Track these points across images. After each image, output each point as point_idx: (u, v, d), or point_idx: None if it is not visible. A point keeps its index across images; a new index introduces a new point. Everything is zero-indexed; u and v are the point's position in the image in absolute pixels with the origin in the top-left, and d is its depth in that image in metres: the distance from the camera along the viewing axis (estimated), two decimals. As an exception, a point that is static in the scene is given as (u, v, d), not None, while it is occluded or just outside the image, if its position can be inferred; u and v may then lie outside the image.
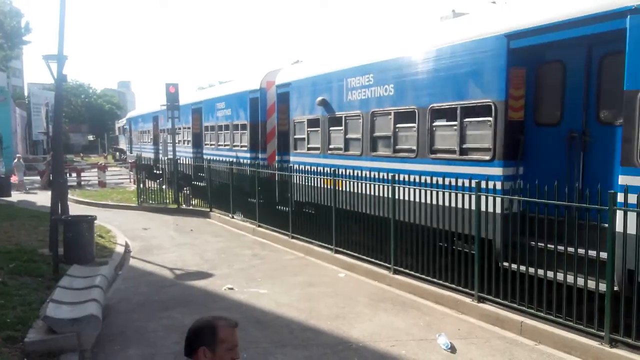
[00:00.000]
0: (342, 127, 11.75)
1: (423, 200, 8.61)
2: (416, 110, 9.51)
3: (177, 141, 23.00)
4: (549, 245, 6.75)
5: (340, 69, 12.01)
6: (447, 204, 8.16)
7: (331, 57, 13.25)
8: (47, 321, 6.39)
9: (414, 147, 9.57)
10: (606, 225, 6.06)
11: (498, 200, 7.43)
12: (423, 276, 8.71)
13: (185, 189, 19.43)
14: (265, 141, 16.02)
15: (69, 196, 16.10)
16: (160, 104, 22.39)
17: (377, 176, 9.84)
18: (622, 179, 6.27)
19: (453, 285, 8.12)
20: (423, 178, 8.65)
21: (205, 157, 19.75)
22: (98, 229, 12.67)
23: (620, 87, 6.41)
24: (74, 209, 14.86)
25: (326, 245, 11.28)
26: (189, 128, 23.44)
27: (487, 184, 7.56)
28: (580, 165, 7.37)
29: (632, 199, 5.85)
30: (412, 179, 8.98)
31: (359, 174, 10.30)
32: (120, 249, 12.20)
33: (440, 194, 8.30)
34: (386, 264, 9.52)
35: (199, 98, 21.85)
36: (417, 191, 8.74)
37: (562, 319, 6.55)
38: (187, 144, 23.68)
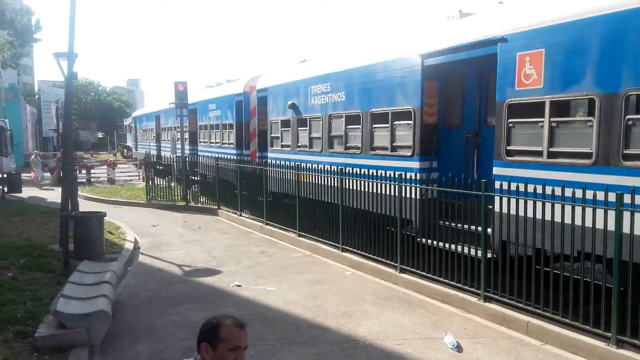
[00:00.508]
0: (307, 128, 13.69)
1: (365, 189, 10.42)
2: (361, 114, 11.38)
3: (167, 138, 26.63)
4: (452, 224, 8.36)
5: (306, 77, 13.98)
6: (379, 191, 9.93)
7: (300, 67, 15.99)
8: (57, 316, 6.47)
9: (359, 145, 11.44)
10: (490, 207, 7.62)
11: (415, 188, 9.15)
12: (429, 275, 8.73)
13: (193, 186, 19.53)
14: (249, 139, 18.00)
15: (79, 193, 16.21)
16: (163, 103, 23.90)
17: (331, 169, 11.52)
18: (495, 170, 8.17)
19: (459, 285, 8.13)
20: (366, 171, 10.47)
21: (199, 153, 21.73)
22: (108, 225, 12.77)
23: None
24: (84, 206, 15.00)
25: (333, 243, 11.32)
26: (185, 127, 24.53)
27: (406, 175, 9.31)
28: (474, 159, 9.48)
29: (505, 185, 7.37)
30: (359, 172, 10.67)
31: (319, 168, 12.00)
32: (129, 246, 12.29)
33: (372, 184, 10.14)
34: (393, 263, 9.55)
35: (194, 99, 23.25)
36: (357, 182, 10.60)
37: (568, 319, 6.55)
38: (185, 141, 24.35)
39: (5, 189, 21.37)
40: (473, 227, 7.93)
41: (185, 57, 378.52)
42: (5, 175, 22.45)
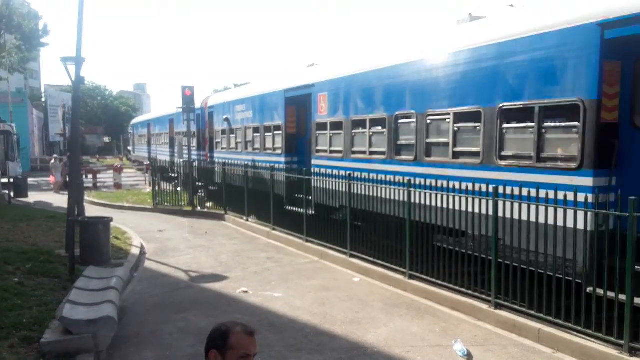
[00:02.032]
0: (235, 135, 19.43)
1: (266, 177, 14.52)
2: (260, 126, 16.99)
3: (160, 143, 33.36)
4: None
5: (232, 99, 19.90)
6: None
7: (232, 91, 22.23)
8: (63, 322, 6.43)
9: (259, 146, 17.17)
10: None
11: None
12: (439, 281, 8.64)
13: (200, 191, 19.52)
14: (204, 144, 23.88)
15: (85, 198, 16.22)
16: (154, 113, 31.70)
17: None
18: None
19: (469, 291, 8.04)
20: (264, 165, 15.26)
21: (177, 156, 27.34)
22: (114, 230, 12.74)
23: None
24: (90, 211, 14.99)
25: (341, 249, 11.25)
26: (167, 133, 31.84)
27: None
28: None
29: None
30: (261, 166, 15.31)
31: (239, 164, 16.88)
32: (135, 251, 12.26)
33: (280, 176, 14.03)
34: (401, 269, 9.46)
35: (172, 111, 28.51)
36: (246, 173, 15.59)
37: (580, 327, 6.45)
38: (166, 146, 31.95)
39: (12, 194, 21.41)
40: None
41: (192, 62, 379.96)
42: (12, 180, 22.51)
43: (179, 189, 20.57)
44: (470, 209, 7.92)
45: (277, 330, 7.34)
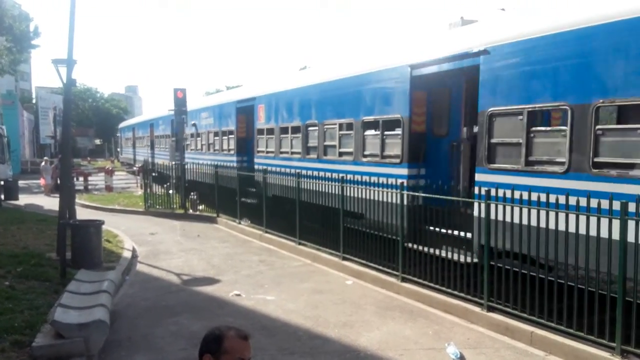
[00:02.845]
0: (200, 138, 23.31)
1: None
2: (219, 130, 20.51)
3: (143, 145, 38.19)
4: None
5: (199, 107, 23.52)
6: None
7: (200, 99, 26.14)
8: (55, 326, 6.38)
9: (218, 148, 20.53)
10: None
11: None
12: (431, 284, 8.66)
13: (192, 194, 19.46)
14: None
15: (76, 200, 16.13)
16: (138, 118, 40.36)
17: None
18: (477, 176, 8.70)
19: (462, 294, 8.06)
20: (230, 164, 18.00)
21: (156, 157, 30.86)
22: (105, 233, 12.67)
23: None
24: (81, 213, 14.88)
25: (333, 252, 11.24)
26: (148, 137, 36.25)
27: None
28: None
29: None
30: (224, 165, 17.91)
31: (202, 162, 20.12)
32: (127, 254, 12.19)
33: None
34: (394, 272, 9.47)
35: (151, 117, 35.46)
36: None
37: (572, 330, 6.48)
38: (147, 148, 36.22)
39: (2, 197, 21.26)
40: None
41: (184, 64, 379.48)
42: (2, 183, 22.34)
43: (170, 191, 20.50)
44: (343, 193, 10.86)
45: (270, 334, 7.32)
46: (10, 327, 6.69)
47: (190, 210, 18.94)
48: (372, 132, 11.23)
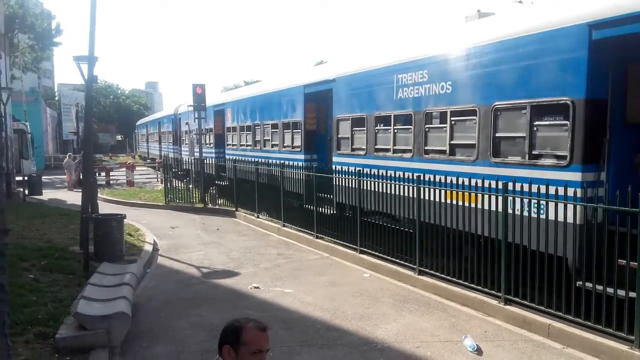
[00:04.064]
0: (190, 134, 26.79)
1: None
2: (203, 128, 22.31)
3: (154, 140, 44.17)
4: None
5: (189, 110, 24.10)
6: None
7: (189, 104, 25.67)
8: (77, 318, 6.53)
9: (204, 142, 22.82)
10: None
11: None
12: (448, 277, 8.66)
13: (211, 188, 19.65)
14: (177, 141, 32.53)
15: (98, 195, 16.38)
16: (152, 116, 48.58)
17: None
18: (333, 159, 13.29)
19: (479, 287, 8.06)
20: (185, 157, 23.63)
21: (162, 151, 37.54)
22: (127, 227, 12.86)
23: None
24: (103, 208, 15.14)
25: (351, 245, 11.29)
26: (157, 133, 41.48)
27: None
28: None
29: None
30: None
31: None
32: (148, 247, 12.38)
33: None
34: (411, 265, 9.49)
35: (160, 115, 42.31)
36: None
37: (590, 323, 6.45)
38: (157, 143, 41.73)
39: (26, 192, 21.67)
40: None
41: (204, 59, 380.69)
42: (26, 178, 22.76)
43: (190, 186, 20.71)
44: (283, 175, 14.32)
45: (288, 326, 7.40)
46: (35, 319, 6.86)
47: (210, 205, 19.13)
48: (287, 130, 15.93)
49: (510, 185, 7.43)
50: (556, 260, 6.87)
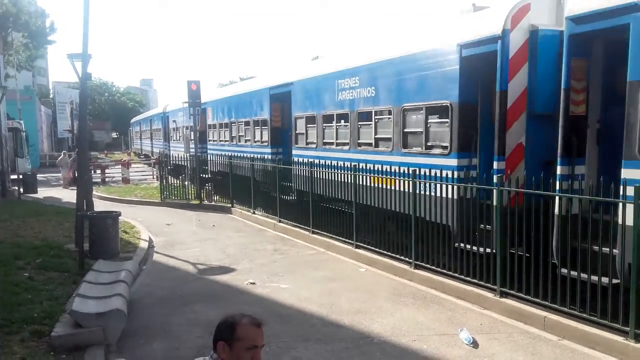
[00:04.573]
0: (176, 132, 30.01)
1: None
2: (188, 126, 23.60)
3: (146, 137, 46.81)
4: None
5: (175, 109, 29.91)
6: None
7: (176, 103, 30.71)
8: (73, 315, 6.52)
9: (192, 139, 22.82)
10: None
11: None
12: (444, 271, 8.68)
13: (207, 185, 19.63)
14: (166, 137, 34.34)
15: (94, 192, 16.35)
16: (143, 115, 53.37)
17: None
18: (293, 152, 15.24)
19: (475, 280, 8.07)
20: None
21: (153, 147, 41.00)
22: (122, 224, 12.85)
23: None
24: (99, 205, 15.11)
25: (347, 240, 11.30)
26: (149, 130, 43.94)
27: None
28: None
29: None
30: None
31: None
32: (144, 244, 12.36)
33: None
34: (407, 259, 9.50)
35: (152, 113, 45.49)
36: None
37: (586, 314, 6.48)
38: (149, 139, 44.05)
39: (21, 190, 21.61)
40: None
41: (199, 56, 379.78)
42: (21, 176, 22.69)
43: (186, 182, 20.68)
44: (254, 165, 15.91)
45: (285, 321, 7.41)
46: (30, 318, 6.84)
47: (205, 201, 19.11)
48: (257, 127, 17.90)
49: (419, 171, 9.21)
50: (542, 252, 6.91)
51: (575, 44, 7.07)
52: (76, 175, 18.23)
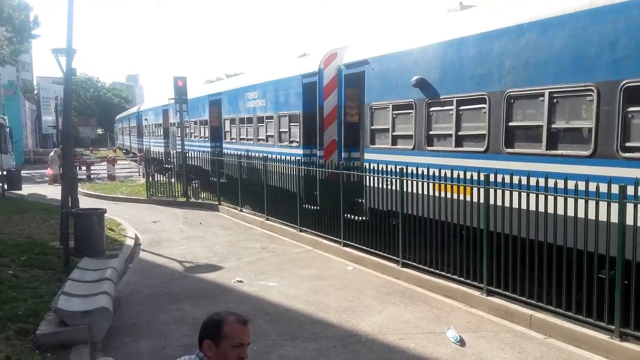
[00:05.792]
0: (148, 128, 36.06)
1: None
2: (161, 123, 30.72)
3: (130, 133, 48.56)
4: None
5: (147, 108, 37.20)
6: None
7: (148, 102, 37.87)
8: (58, 313, 6.46)
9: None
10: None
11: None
12: (431, 269, 8.71)
13: (194, 182, 19.53)
14: (141, 133, 38.35)
15: (79, 189, 16.19)
16: (129, 111, 51.93)
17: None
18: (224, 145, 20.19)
19: (462, 279, 8.12)
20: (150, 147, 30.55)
21: (132, 142, 45.97)
22: (108, 222, 12.74)
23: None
24: (84, 202, 14.96)
25: (334, 238, 11.30)
26: (133, 127, 45.46)
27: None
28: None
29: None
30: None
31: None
32: (130, 242, 12.27)
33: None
34: (394, 257, 9.52)
35: (129, 113, 50.21)
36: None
37: (571, 313, 6.54)
38: (134, 136, 45.22)
39: (5, 187, 21.34)
40: None
41: (185, 52, 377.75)
42: (5, 173, 22.41)
43: (172, 179, 20.56)
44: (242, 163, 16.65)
45: (272, 319, 7.39)
46: (14, 316, 6.76)
47: (192, 198, 19.02)
48: (202, 125, 22.89)
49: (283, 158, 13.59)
50: (527, 248, 6.96)
51: (347, 79, 12.00)
52: (60, 171, 18.04)
